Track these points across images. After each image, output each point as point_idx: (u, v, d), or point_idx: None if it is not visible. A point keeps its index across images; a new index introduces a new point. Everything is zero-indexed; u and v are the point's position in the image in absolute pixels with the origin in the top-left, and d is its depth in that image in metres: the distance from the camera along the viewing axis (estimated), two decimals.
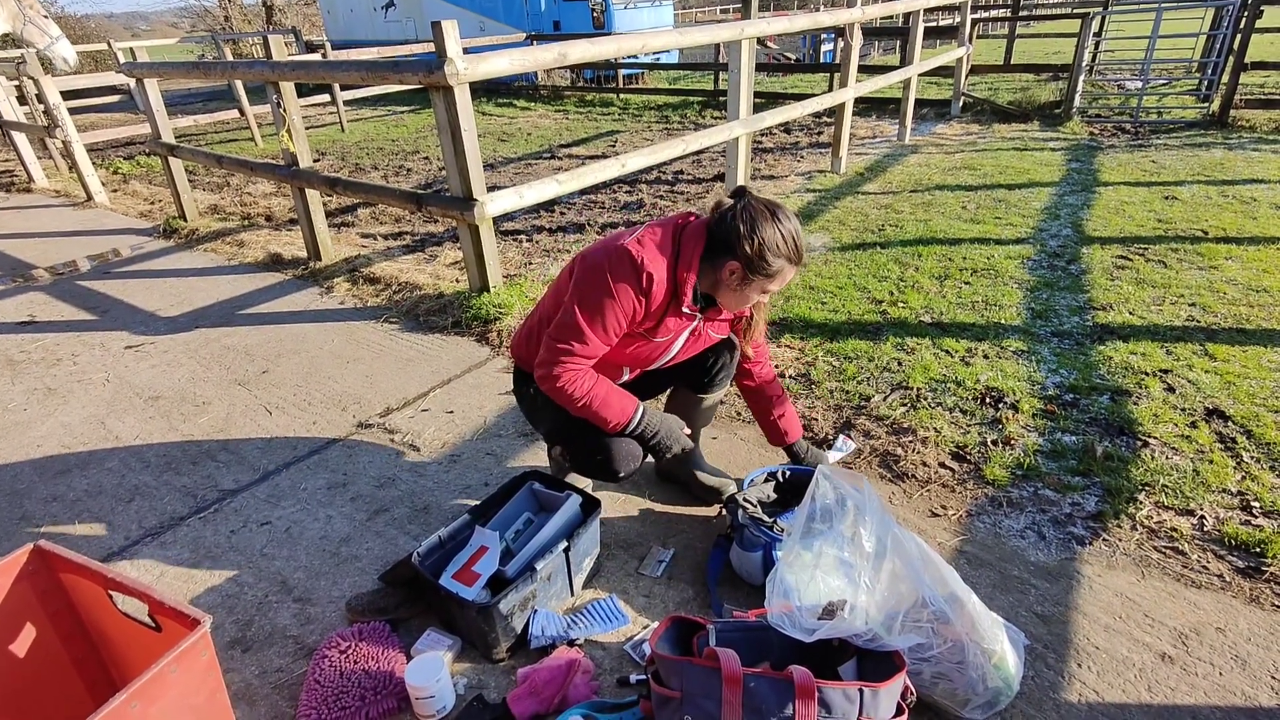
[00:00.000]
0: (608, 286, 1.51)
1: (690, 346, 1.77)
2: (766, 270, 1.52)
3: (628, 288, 1.51)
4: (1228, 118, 6.43)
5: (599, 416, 1.64)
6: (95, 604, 1.27)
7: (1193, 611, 1.61)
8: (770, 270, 1.52)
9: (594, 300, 1.52)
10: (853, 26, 5.20)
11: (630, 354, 1.70)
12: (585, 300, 1.53)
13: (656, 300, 1.55)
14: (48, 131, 5.77)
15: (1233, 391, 2.41)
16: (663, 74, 12.43)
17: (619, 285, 1.51)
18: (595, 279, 1.52)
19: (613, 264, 1.51)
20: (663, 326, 1.62)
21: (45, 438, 2.56)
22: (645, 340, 1.66)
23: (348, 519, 2.05)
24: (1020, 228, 4.14)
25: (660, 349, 1.72)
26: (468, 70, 2.80)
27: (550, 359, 1.59)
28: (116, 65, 5.15)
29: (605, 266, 1.52)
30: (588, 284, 1.53)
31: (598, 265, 1.53)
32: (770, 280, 1.54)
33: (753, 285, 1.55)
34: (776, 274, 1.53)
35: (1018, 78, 9.63)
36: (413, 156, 7.22)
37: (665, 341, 1.69)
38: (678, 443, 1.75)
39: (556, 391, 1.60)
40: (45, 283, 4.18)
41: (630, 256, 1.51)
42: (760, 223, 1.49)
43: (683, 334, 1.70)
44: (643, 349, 1.69)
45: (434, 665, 1.43)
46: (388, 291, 3.70)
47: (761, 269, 1.51)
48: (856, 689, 1.16)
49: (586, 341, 1.55)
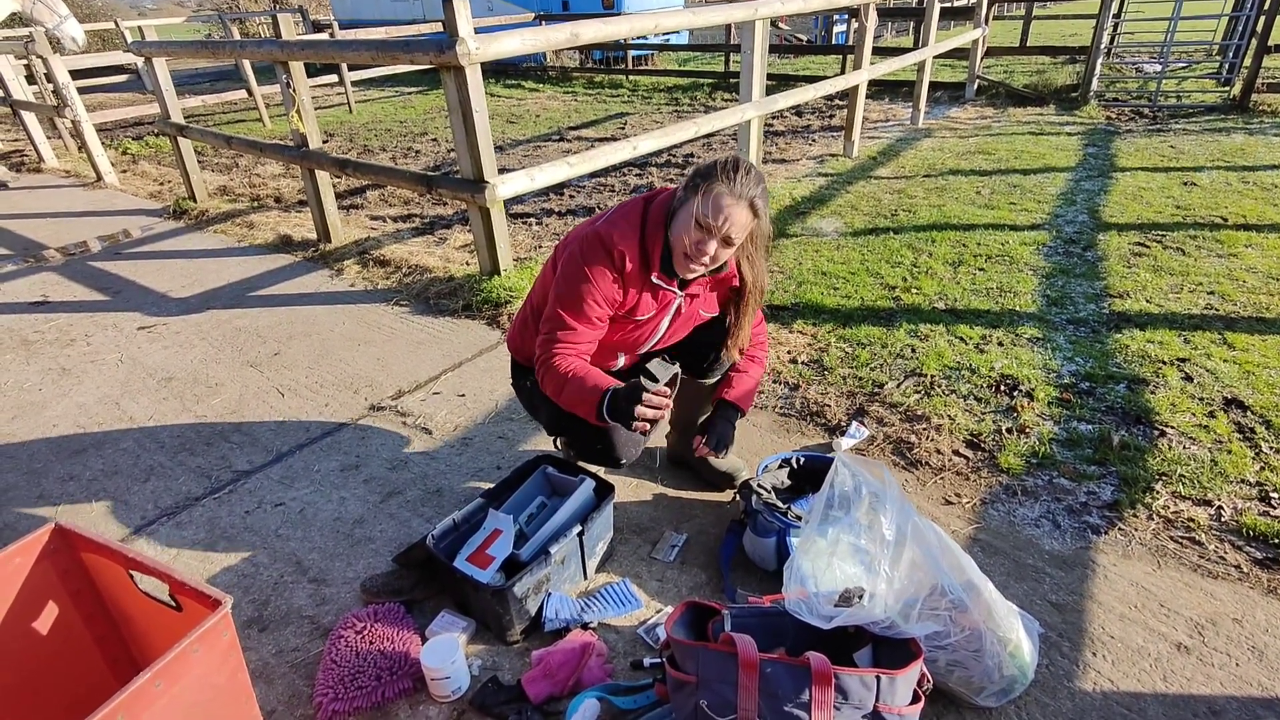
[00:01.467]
0: (584, 273, 1.54)
1: (679, 326, 1.74)
2: (704, 190, 1.44)
3: (602, 270, 1.53)
4: (1249, 102, 6.31)
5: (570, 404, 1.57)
6: (116, 583, 1.28)
7: (1209, 602, 1.60)
8: (706, 189, 1.44)
9: (573, 289, 1.55)
10: (868, 7, 5.11)
11: (619, 339, 1.70)
12: (565, 291, 1.56)
13: (629, 276, 1.56)
14: (57, 111, 5.75)
15: (1252, 381, 2.38)
16: (673, 55, 12.29)
17: (594, 269, 1.53)
18: (572, 269, 1.56)
19: (585, 250, 1.55)
20: (642, 303, 1.61)
21: (60, 417, 2.58)
22: (628, 321, 1.65)
23: (361, 501, 2.06)
24: (1035, 213, 4.09)
25: (646, 330, 1.70)
26: (480, 50, 2.77)
27: (542, 355, 1.60)
28: (124, 44, 5.12)
29: (579, 253, 1.55)
30: (566, 275, 1.57)
31: (573, 254, 1.57)
32: (711, 206, 1.44)
33: (697, 224, 1.46)
34: (713, 197, 1.44)
35: (1034, 60, 9.48)
36: (421, 138, 7.18)
37: (649, 320, 1.67)
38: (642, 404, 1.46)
39: (543, 386, 1.62)
40: (57, 263, 4.19)
41: (600, 238, 1.54)
42: (691, 181, 1.49)
43: (667, 312, 1.68)
44: (630, 332, 1.68)
45: (449, 647, 1.44)
46: (398, 274, 3.69)
47: (697, 189, 1.45)
48: (874, 676, 1.16)
49: (573, 329, 1.57)
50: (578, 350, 1.60)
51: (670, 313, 1.69)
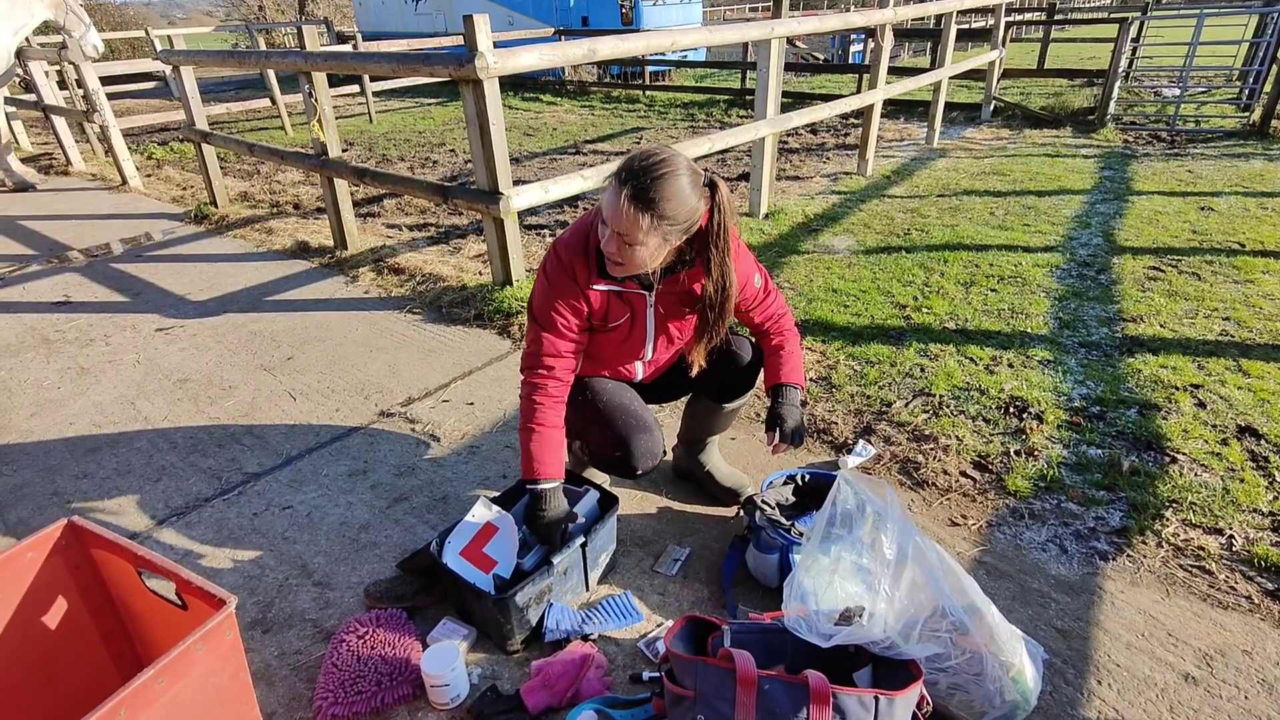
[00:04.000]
0: (546, 285, 1.60)
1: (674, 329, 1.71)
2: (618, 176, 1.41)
3: (559, 280, 1.58)
4: (1269, 128, 6.27)
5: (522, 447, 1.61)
6: (124, 580, 1.30)
7: (1218, 632, 1.58)
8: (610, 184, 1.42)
9: (541, 302, 1.61)
10: (884, 28, 5.14)
11: (613, 351, 1.72)
12: (535, 304, 1.63)
13: (583, 282, 1.57)
14: (86, 116, 5.89)
15: (1266, 409, 2.35)
16: (689, 72, 12.39)
17: (554, 281, 1.58)
18: (538, 283, 1.63)
19: (547, 265, 1.61)
20: (612, 308, 1.62)
21: (77, 416, 2.62)
22: (606, 330, 1.66)
23: (368, 506, 2.08)
24: (1049, 235, 4.07)
25: (633, 337, 1.68)
26: (498, 64, 2.82)
27: (525, 375, 1.64)
28: (154, 52, 5.23)
29: (543, 270, 1.62)
30: (535, 290, 1.65)
31: (540, 270, 1.63)
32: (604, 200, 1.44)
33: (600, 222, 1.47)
34: (607, 194, 1.43)
35: (1051, 83, 9.47)
36: (439, 149, 7.28)
37: (625, 326, 1.65)
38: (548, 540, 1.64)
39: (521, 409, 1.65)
40: (80, 264, 4.28)
41: (555, 251, 1.59)
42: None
43: (645, 318, 1.65)
44: (618, 342, 1.69)
45: (449, 654, 1.44)
46: (412, 282, 3.74)
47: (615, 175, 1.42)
48: (872, 696, 1.15)
49: (542, 342, 1.61)
50: (558, 367, 1.61)
51: (649, 312, 1.66)
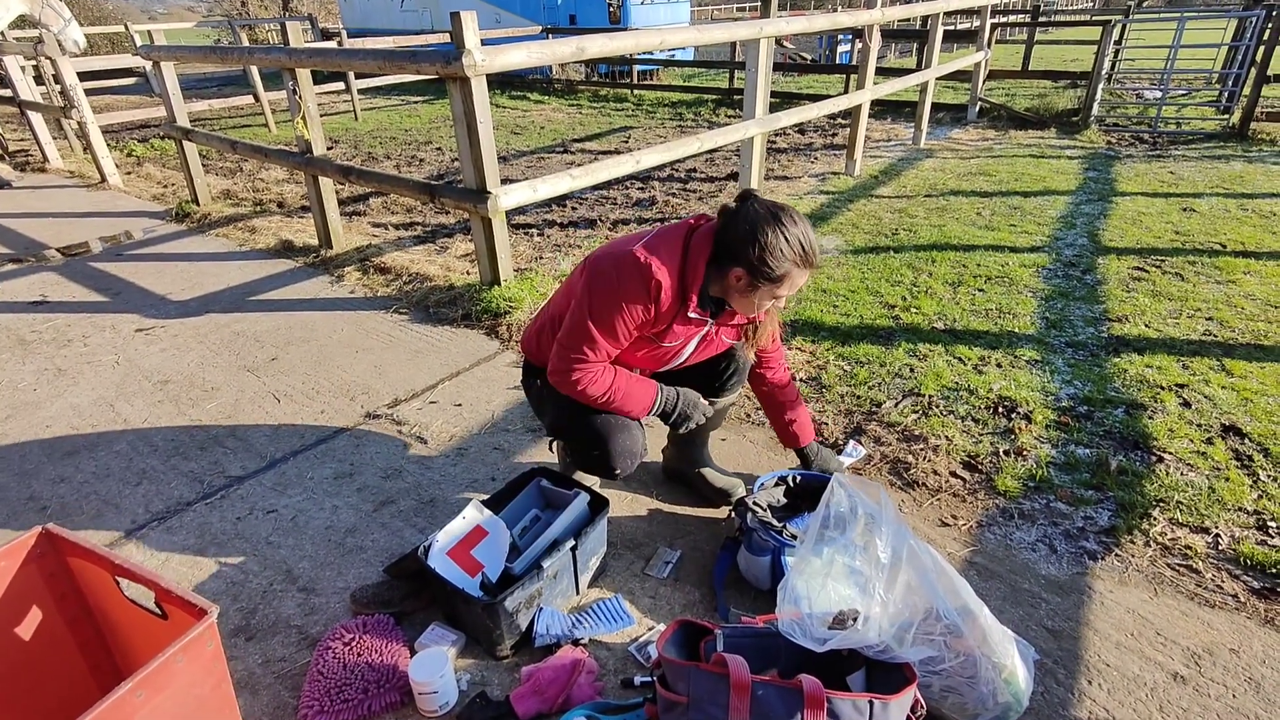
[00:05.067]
0: (616, 293, 1.52)
1: (702, 351, 1.76)
2: (770, 275, 1.49)
3: (636, 294, 1.51)
4: (1248, 130, 6.36)
5: (622, 409, 1.66)
6: (102, 589, 1.27)
7: (1206, 631, 1.59)
8: (775, 275, 1.49)
9: (603, 307, 1.53)
10: (872, 28, 5.16)
11: (641, 357, 1.69)
12: (594, 307, 1.54)
13: (664, 306, 1.54)
14: (63, 112, 5.78)
15: (1250, 408, 2.38)
16: (677, 71, 12.39)
17: (627, 292, 1.51)
18: (604, 286, 1.53)
19: (620, 271, 1.52)
20: (671, 332, 1.62)
21: (54, 419, 2.57)
22: (655, 345, 1.65)
23: (354, 509, 2.05)
24: (1035, 235, 4.10)
25: (671, 353, 1.71)
26: (485, 62, 2.79)
27: (563, 366, 1.59)
28: (134, 48, 5.15)
29: (614, 273, 1.52)
30: (597, 291, 1.54)
31: (606, 272, 1.54)
32: (778, 285, 1.52)
33: (760, 291, 1.53)
34: (783, 278, 1.50)
35: (1035, 84, 9.56)
36: (425, 147, 7.22)
37: (675, 346, 1.69)
38: (700, 413, 1.77)
39: (576, 394, 1.61)
40: (57, 263, 4.19)
41: (638, 263, 1.51)
42: (763, 227, 1.47)
43: (694, 339, 1.70)
44: (653, 352, 1.69)
45: (438, 660, 1.42)
46: (398, 282, 3.70)
47: (765, 274, 1.49)
48: (866, 700, 1.15)
49: (596, 348, 1.56)
50: (599, 363, 1.60)
51: (697, 339, 1.70)
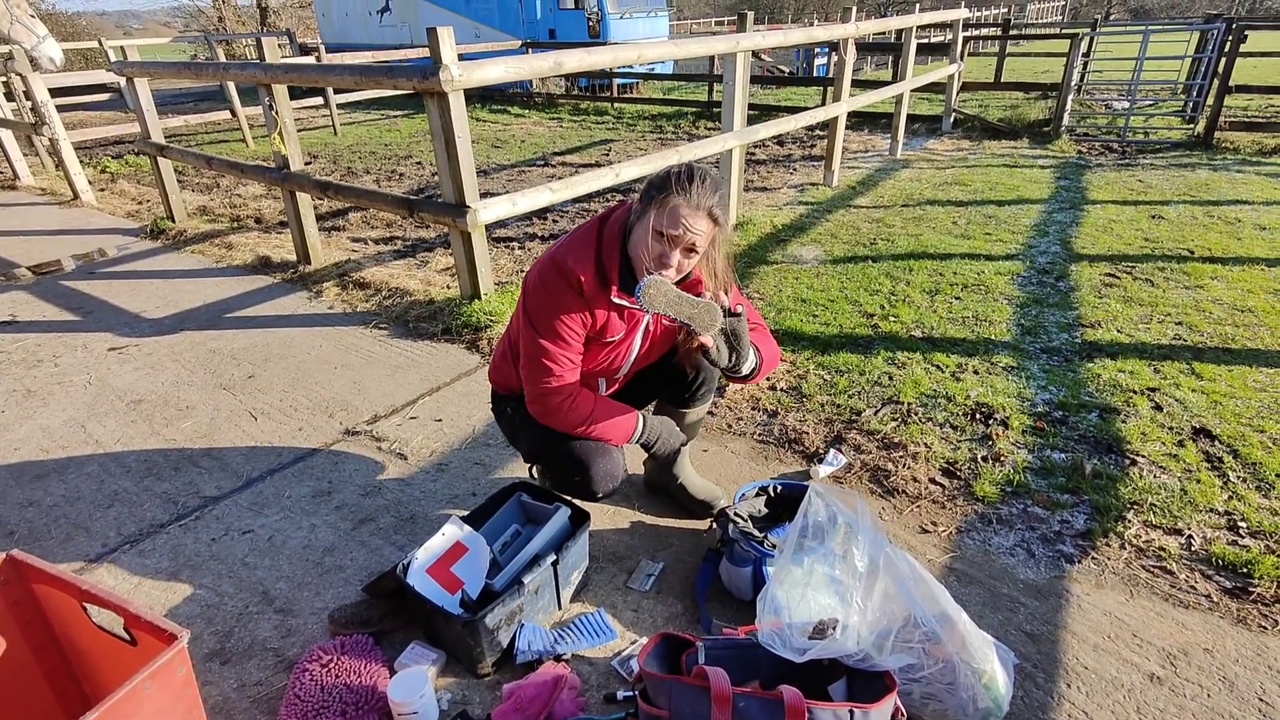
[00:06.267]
0: (548, 302, 1.53)
1: (654, 346, 1.75)
2: (653, 197, 1.44)
3: (564, 295, 1.52)
4: (1212, 139, 6.54)
5: (602, 438, 1.66)
6: (69, 616, 1.24)
7: (1181, 632, 1.61)
8: (657, 198, 1.43)
9: (542, 318, 1.54)
10: (847, 41, 5.25)
11: (596, 364, 1.69)
12: (536, 322, 1.54)
13: (592, 300, 1.54)
14: (34, 129, 5.69)
15: (1219, 411, 2.43)
16: (657, 84, 12.49)
17: (557, 297, 1.52)
18: (535, 298, 1.54)
19: (544, 278, 1.53)
20: (610, 323, 1.60)
21: (23, 441, 2.51)
22: (600, 344, 1.64)
23: (332, 528, 2.02)
24: (1010, 244, 4.17)
25: (619, 352, 1.69)
26: (463, 77, 2.79)
27: (535, 393, 1.59)
28: (107, 63, 5.09)
29: (539, 283, 1.54)
30: (531, 305, 1.55)
31: (533, 284, 1.55)
32: (663, 216, 1.43)
33: (653, 233, 1.44)
34: (666, 204, 1.43)
35: (1008, 95, 9.75)
36: (405, 161, 7.20)
37: (620, 342, 1.67)
38: (679, 441, 1.80)
39: (556, 424, 1.61)
40: (28, 282, 4.11)
41: (556, 263, 1.52)
42: (655, 177, 1.47)
43: (637, 331, 1.68)
44: (605, 355, 1.68)
45: (418, 680, 1.40)
46: (378, 297, 3.67)
47: (648, 198, 1.45)
48: (847, 710, 1.15)
49: (557, 360, 1.56)
50: (568, 380, 1.58)
51: (640, 331, 1.69)
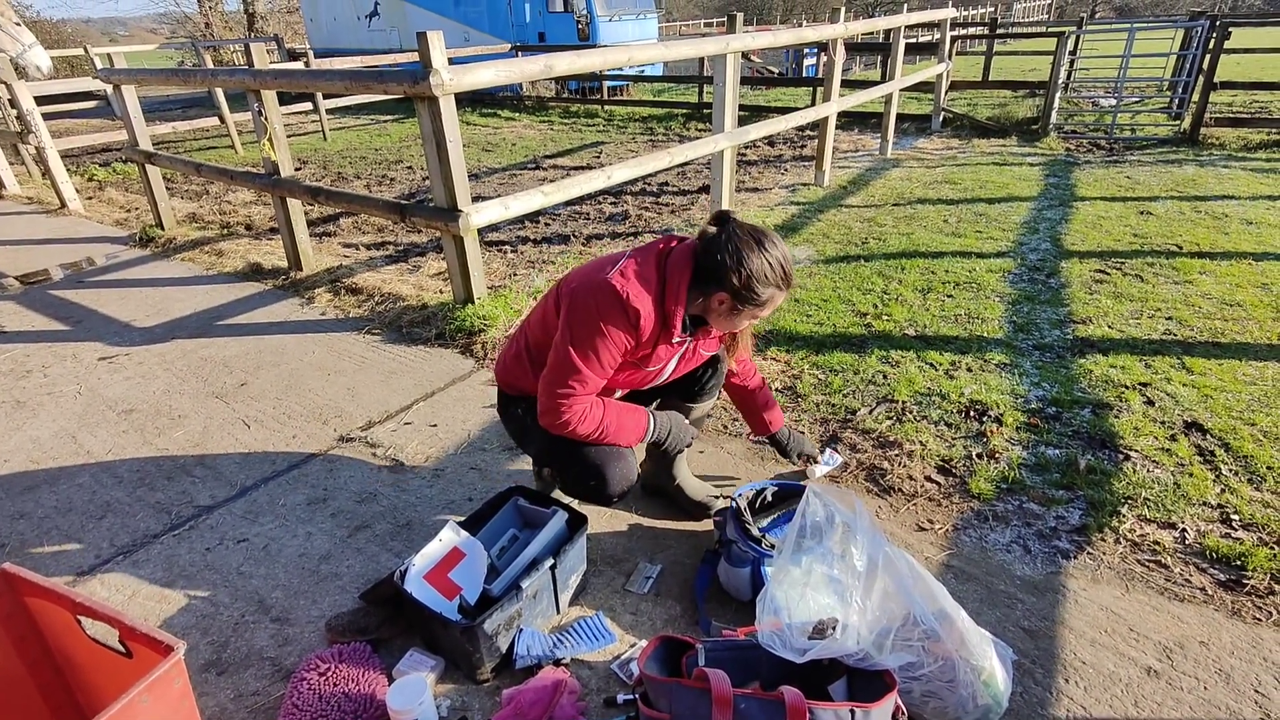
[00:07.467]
0: (597, 326, 1.51)
1: (682, 367, 1.78)
2: (756, 300, 1.53)
3: (617, 324, 1.51)
4: (1199, 135, 6.60)
5: (615, 442, 1.66)
6: (63, 629, 1.23)
7: (1176, 625, 1.62)
8: (760, 299, 1.53)
9: (585, 339, 1.52)
10: (836, 42, 5.27)
11: (624, 379, 1.70)
12: (577, 340, 1.52)
13: (646, 333, 1.55)
14: (20, 137, 5.65)
15: (1210, 405, 2.45)
16: (648, 86, 12.51)
17: (608, 324, 1.50)
18: (584, 318, 1.52)
19: (599, 302, 1.51)
20: (655, 355, 1.63)
21: (13, 452, 2.49)
22: (637, 369, 1.66)
23: (328, 535, 2.01)
24: (1001, 241, 4.20)
25: (653, 374, 1.73)
26: (453, 81, 2.79)
27: (551, 404, 1.57)
28: (93, 71, 5.06)
29: (592, 304, 1.51)
30: (577, 323, 1.52)
31: (585, 303, 1.52)
32: (760, 308, 1.56)
33: (743, 313, 1.57)
34: (766, 302, 1.55)
35: (996, 94, 9.82)
36: (396, 166, 7.18)
37: (658, 369, 1.70)
38: (690, 435, 1.83)
39: (568, 434, 1.60)
40: (15, 292, 4.08)
41: (615, 293, 1.49)
42: (746, 254, 1.49)
43: (674, 358, 1.71)
44: (635, 375, 1.69)
45: (416, 687, 1.39)
46: (370, 302, 3.66)
47: (751, 299, 1.53)
48: (848, 709, 1.15)
49: (584, 380, 1.55)
50: (588, 396, 1.59)
51: (677, 357, 1.72)
